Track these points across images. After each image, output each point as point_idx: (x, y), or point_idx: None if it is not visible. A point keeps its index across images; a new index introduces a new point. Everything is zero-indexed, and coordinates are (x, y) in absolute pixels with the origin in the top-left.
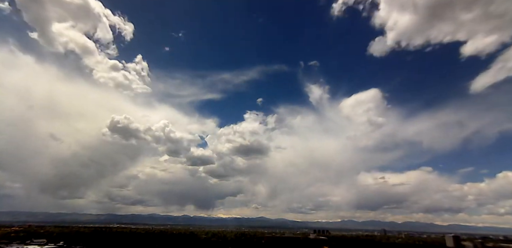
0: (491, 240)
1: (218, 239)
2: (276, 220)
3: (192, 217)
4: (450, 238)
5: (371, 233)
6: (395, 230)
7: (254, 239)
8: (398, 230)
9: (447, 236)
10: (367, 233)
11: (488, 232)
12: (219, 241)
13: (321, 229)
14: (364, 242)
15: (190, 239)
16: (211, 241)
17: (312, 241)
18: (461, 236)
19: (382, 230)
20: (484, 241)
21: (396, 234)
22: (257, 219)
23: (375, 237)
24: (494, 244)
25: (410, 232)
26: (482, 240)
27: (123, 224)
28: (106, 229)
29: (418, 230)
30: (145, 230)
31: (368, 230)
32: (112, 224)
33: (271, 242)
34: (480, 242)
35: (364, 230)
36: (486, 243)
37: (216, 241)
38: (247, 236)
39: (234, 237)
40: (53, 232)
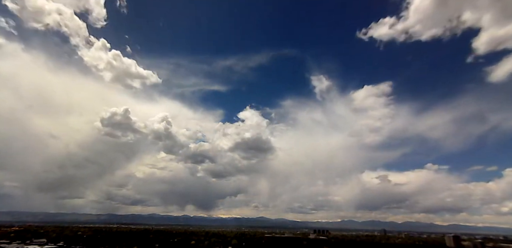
0: (491, 240)
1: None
2: (276, 220)
3: (192, 217)
4: (450, 238)
5: (371, 233)
6: (395, 230)
7: (254, 239)
8: (398, 230)
9: (447, 236)
10: (367, 233)
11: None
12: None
13: (321, 229)
14: (364, 242)
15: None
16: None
17: (312, 241)
18: (461, 236)
19: (382, 230)
20: (484, 241)
21: (396, 234)
22: (257, 219)
23: (375, 237)
24: (494, 244)
25: (410, 232)
26: (482, 240)
27: (123, 224)
28: (106, 229)
29: (418, 230)
30: (145, 230)
31: (368, 230)
32: (112, 224)
33: (271, 242)
34: (480, 242)
35: (364, 230)
36: (486, 243)
37: (217, 241)
38: (247, 236)
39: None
40: (53, 232)
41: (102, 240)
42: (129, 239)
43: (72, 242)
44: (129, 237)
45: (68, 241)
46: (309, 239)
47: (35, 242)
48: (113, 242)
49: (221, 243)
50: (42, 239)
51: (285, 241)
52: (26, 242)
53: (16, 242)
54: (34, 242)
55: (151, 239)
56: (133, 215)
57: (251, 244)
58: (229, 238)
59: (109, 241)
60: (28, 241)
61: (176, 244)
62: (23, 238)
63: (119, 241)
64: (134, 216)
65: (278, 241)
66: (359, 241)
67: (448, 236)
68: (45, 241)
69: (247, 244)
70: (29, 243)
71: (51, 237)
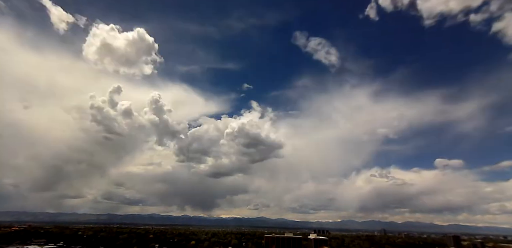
0: (491, 240)
1: (219, 239)
2: (276, 220)
3: (192, 217)
4: (450, 238)
5: (371, 233)
6: (395, 230)
7: (254, 239)
8: (398, 230)
9: (447, 236)
10: (367, 233)
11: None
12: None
13: (321, 229)
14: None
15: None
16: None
17: (312, 241)
18: (461, 236)
19: (382, 230)
20: (484, 241)
21: (396, 234)
22: (257, 219)
23: (375, 237)
24: (494, 244)
25: (410, 232)
26: (482, 240)
27: (123, 224)
28: (106, 229)
29: (418, 230)
30: (145, 230)
31: (368, 230)
32: (112, 224)
33: (271, 242)
34: (480, 242)
35: (364, 230)
36: (486, 243)
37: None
38: (247, 236)
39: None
40: (53, 232)
41: (102, 240)
42: (129, 239)
43: (72, 242)
44: (129, 237)
45: (68, 241)
46: (309, 239)
47: (35, 242)
48: (113, 242)
49: (221, 243)
50: (42, 239)
51: (285, 241)
52: (26, 242)
53: (16, 242)
54: (34, 242)
55: (151, 239)
56: (133, 215)
57: (251, 244)
58: (229, 238)
59: (109, 241)
60: (28, 241)
61: (176, 244)
62: (23, 238)
63: (119, 241)
64: (134, 216)
65: (278, 241)
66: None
67: (448, 236)
68: (45, 241)
69: (247, 244)
70: (29, 243)
71: (51, 237)
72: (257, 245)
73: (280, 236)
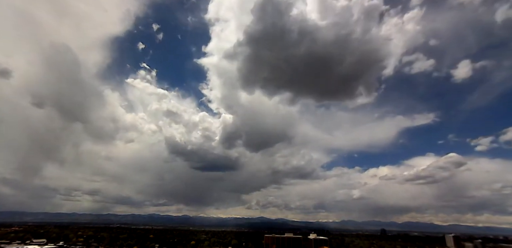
0: (491, 240)
1: (219, 239)
2: (276, 220)
3: (192, 217)
4: (450, 238)
5: (371, 233)
6: (395, 230)
7: (254, 239)
8: (398, 230)
9: (447, 236)
10: (367, 233)
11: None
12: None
13: (321, 229)
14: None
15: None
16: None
17: (312, 241)
18: (461, 236)
19: (382, 230)
20: (484, 241)
21: (396, 234)
22: (257, 219)
23: (375, 237)
24: (494, 244)
25: (410, 232)
26: (482, 240)
27: (123, 224)
28: (106, 229)
29: (418, 230)
30: (144, 230)
31: (368, 230)
32: (112, 224)
33: (271, 242)
34: (480, 242)
35: (364, 230)
36: (486, 243)
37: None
38: (247, 236)
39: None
40: (53, 232)
41: (102, 240)
42: (129, 239)
43: (72, 242)
44: (129, 237)
45: (68, 241)
46: (309, 239)
47: (35, 242)
48: (113, 242)
49: (221, 243)
50: (42, 239)
51: (285, 241)
52: (26, 242)
53: (16, 242)
54: (34, 242)
55: (151, 239)
56: (133, 215)
57: (251, 244)
58: (229, 238)
59: (109, 241)
60: (28, 241)
61: (176, 244)
62: (23, 238)
63: (119, 241)
64: (134, 216)
65: (278, 241)
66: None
67: (448, 236)
68: (45, 241)
69: (247, 244)
70: (29, 243)
71: (51, 237)
72: (256, 245)
73: (280, 236)
